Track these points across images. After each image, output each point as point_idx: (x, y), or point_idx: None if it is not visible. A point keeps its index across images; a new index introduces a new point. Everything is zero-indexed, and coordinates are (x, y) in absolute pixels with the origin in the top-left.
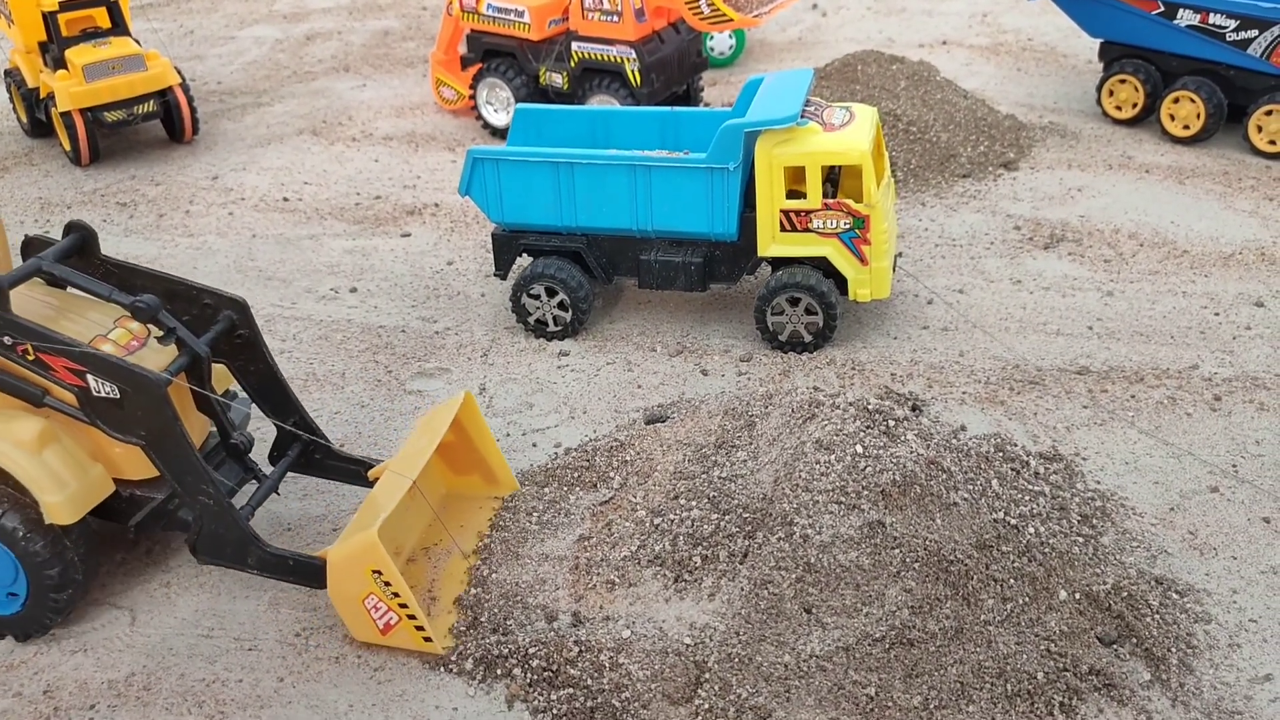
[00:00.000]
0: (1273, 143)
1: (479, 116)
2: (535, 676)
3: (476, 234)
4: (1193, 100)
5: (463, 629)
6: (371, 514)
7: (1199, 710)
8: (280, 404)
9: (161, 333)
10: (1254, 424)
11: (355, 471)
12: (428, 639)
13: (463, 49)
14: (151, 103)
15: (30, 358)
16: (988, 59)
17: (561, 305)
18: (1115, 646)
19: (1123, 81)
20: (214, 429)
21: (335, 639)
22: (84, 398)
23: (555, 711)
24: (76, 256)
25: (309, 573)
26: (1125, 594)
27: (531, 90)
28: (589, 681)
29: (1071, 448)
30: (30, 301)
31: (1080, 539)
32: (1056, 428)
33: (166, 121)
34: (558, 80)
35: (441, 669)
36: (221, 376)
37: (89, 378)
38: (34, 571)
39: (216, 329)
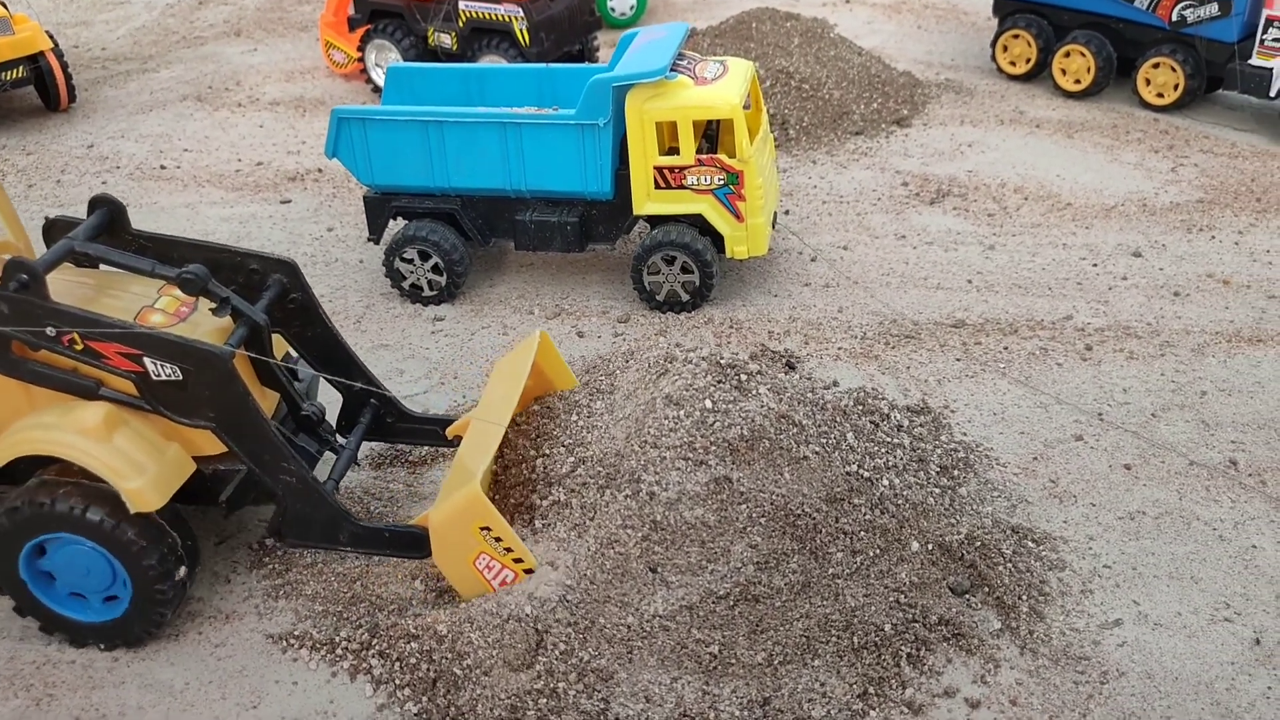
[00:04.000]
0: (1160, 95)
1: (369, 80)
2: (377, 648)
3: (358, 199)
4: (1083, 54)
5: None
6: (466, 470)
7: (1046, 657)
8: (344, 368)
9: (214, 305)
10: (1122, 372)
11: (432, 431)
12: (529, 570)
13: (351, 10)
14: (21, 69)
15: (79, 347)
16: (889, 16)
17: (436, 269)
18: (967, 596)
19: (1016, 37)
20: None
21: (176, 616)
22: (143, 383)
23: (398, 682)
24: (106, 233)
25: (408, 543)
26: (979, 543)
27: (421, 51)
28: (431, 650)
29: (941, 400)
30: (64, 284)
31: (937, 490)
32: (928, 381)
33: (40, 89)
34: (446, 41)
35: (284, 642)
36: (275, 345)
37: (146, 361)
38: (135, 568)
39: (269, 295)
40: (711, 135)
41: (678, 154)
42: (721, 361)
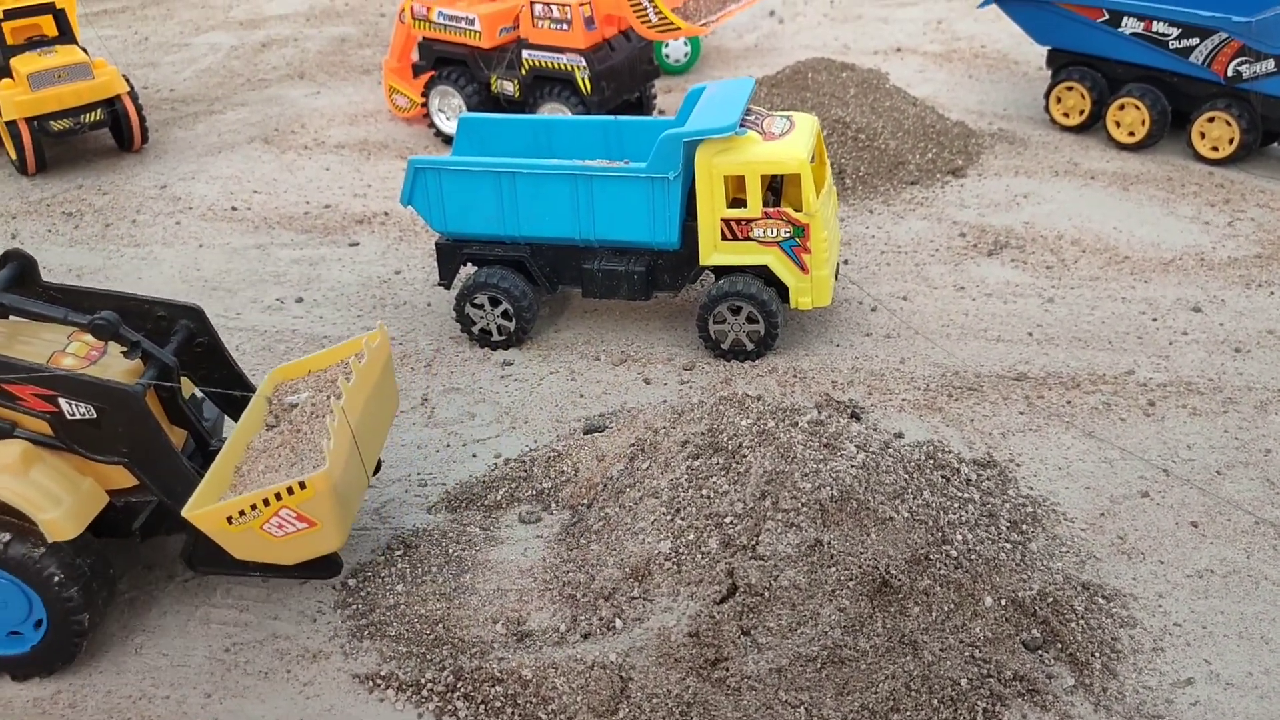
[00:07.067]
0: (1215, 149)
1: (431, 124)
2: (462, 691)
3: (425, 243)
4: (1137, 107)
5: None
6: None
7: (1120, 714)
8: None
9: (125, 349)
10: (1185, 429)
11: None
12: (302, 484)
13: (415, 57)
14: (99, 111)
15: None
16: (940, 65)
17: (505, 315)
18: (1040, 652)
19: (1070, 89)
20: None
21: (265, 654)
22: (57, 423)
23: None
24: (17, 285)
25: (316, 565)
26: (1051, 599)
27: (483, 98)
28: (515, 695)
29: (1006, 454)
30: None
31: (1009, 545)
32: (992, 434)
33: (115, 130)
34: (509, 88)
35: (370, 682)
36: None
37: (61, 401)
38: (52, 598)
39: (177, 339)
40: (776, 187)
41: (744, 206)
42: (807, 421)
